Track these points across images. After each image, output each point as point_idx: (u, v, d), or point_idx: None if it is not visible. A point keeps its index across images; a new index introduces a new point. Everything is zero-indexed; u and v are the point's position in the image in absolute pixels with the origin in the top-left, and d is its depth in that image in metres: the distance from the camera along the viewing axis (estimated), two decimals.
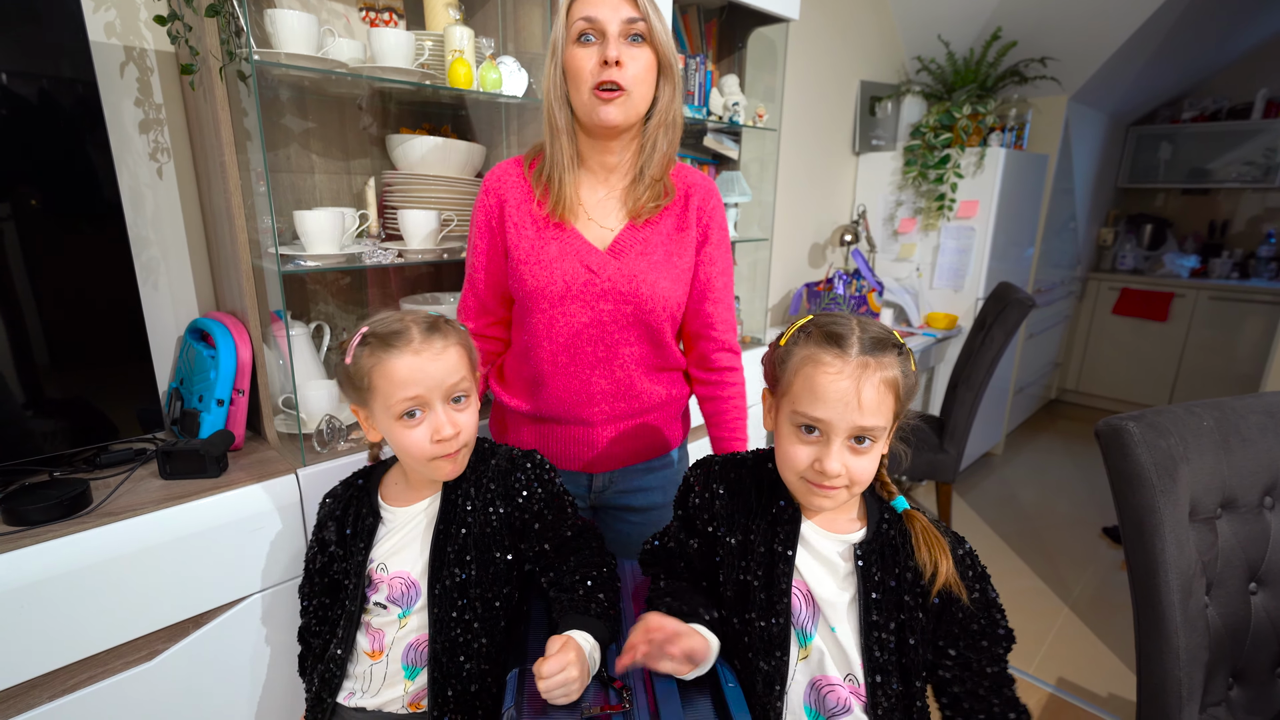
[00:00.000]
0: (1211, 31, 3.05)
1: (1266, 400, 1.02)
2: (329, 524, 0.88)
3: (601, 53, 0.88)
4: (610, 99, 0.89)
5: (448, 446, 0.79)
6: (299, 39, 1.05)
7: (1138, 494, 0.89)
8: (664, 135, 0.97)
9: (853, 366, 0.66)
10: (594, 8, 0.89)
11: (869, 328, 0.69)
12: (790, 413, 0.70)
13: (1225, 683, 0.97)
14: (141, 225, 1.19)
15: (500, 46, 1.42)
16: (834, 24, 2.57)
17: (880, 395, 0.66)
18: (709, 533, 0.81)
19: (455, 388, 0.80)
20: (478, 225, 1.02)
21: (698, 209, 1.01)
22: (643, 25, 0.89)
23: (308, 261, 1.11)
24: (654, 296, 0.97)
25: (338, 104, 1.35)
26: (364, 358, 0.78)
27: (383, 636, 0.84)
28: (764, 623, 0.74)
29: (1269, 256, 3.69)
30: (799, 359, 0.70)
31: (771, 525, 0.76)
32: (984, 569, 0.74)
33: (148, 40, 1.14)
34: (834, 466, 0.67)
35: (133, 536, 0.90)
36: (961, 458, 2.21)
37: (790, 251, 2.73)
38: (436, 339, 0.79)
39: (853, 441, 0.67)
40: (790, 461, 0.70)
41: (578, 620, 0.76)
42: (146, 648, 0.93)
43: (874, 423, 0.66)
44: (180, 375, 1.21)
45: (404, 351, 0.77)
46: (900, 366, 0.68)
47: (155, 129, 1.18)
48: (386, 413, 0.78)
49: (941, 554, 0.70)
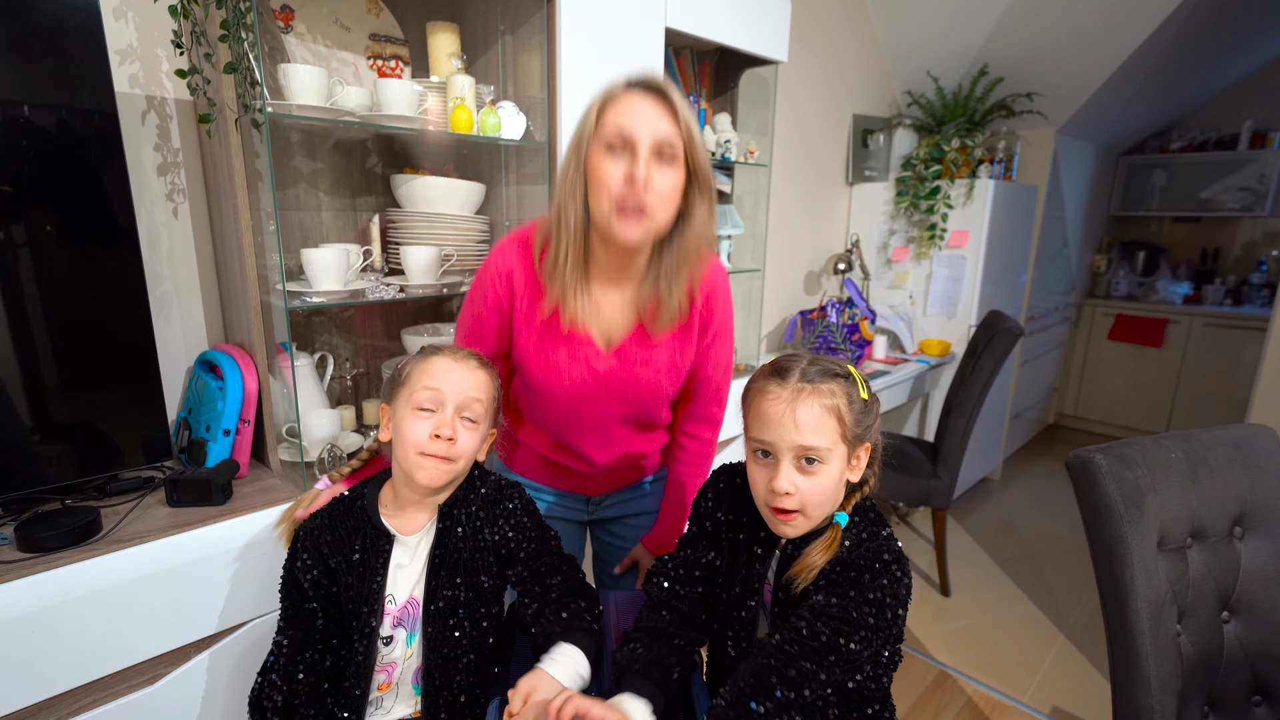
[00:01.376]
0: (1195, 66, 3.14)
1: (1234, 432, 1.05)
2: (319, 545, 0.86)
3: (629, 168, 0.82)
4: (633, 220, 0.84)
5: (439, 447, 0.83)
6: (309, 91, 1.12)
7: (1106, 524, 0.92)
8: (695, 258, 0.92)
9: (790, 391, 0.74)
10: (629, 118, 0.82)
11: (819, 361, 0.77)
12: (749, 440, 0.78)
13: (1200, 711, 0.99)
14: (157, 261, 1.25)
15: (500, 91, 1.50)
16: (825, 61, 2.66)
17: (818, 417, 0.73)
18: (712, 529, 0.87)
19: (470, 404, 0.86)
20: (487, 302, 0.97)
21: (704, 306, 1.00)
22: (678, 144, 0.84)
23: (314, 298, 1.17)
24: (653, 396, 1.02)
25: (345, 146, 1.42)
26: (413, 359, 0.89)
27: (394, 669, 0.88)
28: (733, 642, 0.81)
29: (1261, 284, 3.73)
30: (753, 391, 0.78)
31: (749, 544, 0.83)
32: (877, 592, 0.72)
33: (168, 90, 1.21)
34: (781, 484, 0.73)
35: (140, 563, 0.94)
36: (955, 483, 2.23)
37: (785, 280, 2.79)
38: (474, 359, 0.90)
39: (802, 462, 0.74)
40: (754, 488, 0.78)
41: (565, 635, 0.81)
42: (149, 672, 0.96)
43: (814, 442, 0.72)
44: (189, 405, 1.26)
45: (444, 354, 0.88)
46: (843, 392, 0.75)
47: (172, 172, 1.24)
48: (407, 402, 0.85)
49: (819, 555, 0.75)
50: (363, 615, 0.86)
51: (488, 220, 1.52)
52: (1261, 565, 1.01)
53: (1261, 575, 1.00)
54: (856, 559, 0.74)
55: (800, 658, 0.69)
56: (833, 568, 0.75)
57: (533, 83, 1.45)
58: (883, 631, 0.72)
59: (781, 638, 0.72)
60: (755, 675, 0.70)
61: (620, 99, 0.84)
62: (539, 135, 1.44)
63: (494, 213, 1.56)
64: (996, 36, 2.71)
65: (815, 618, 0.71)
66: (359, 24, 1.38)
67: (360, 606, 0.86)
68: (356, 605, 0.86)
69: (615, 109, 0.83)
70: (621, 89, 0.85)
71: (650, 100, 0.83)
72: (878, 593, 0.72)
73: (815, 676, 0.69)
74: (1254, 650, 1.00)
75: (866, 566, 0.73)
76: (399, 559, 0.88)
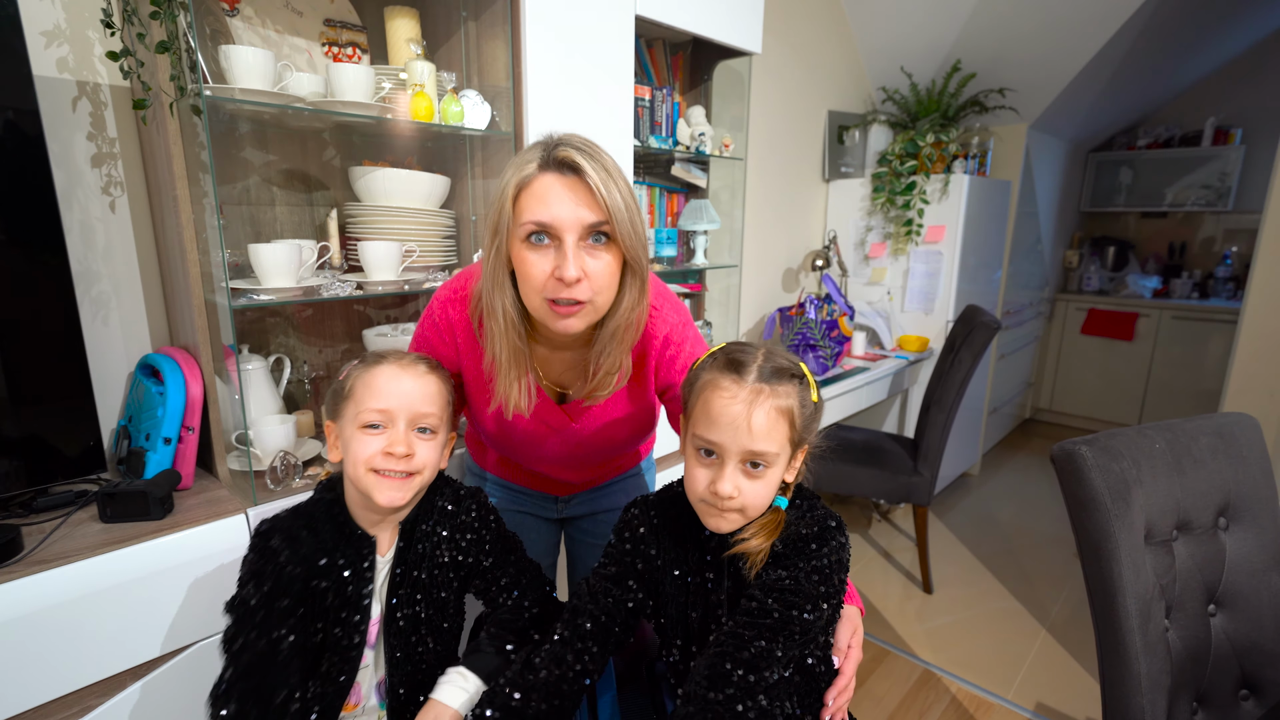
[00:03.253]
0: (1161, 62, 3.19)
1: (1216, 421, 1.03)
2: (287, 545, 0.78)
3: (557, 261, 0.74)
4: (570, 313, 0.77)
5: (393, 464, 0.77)
6: (254, 74, 1.05)
7: (1093, 518, 0.90)
8: (623, 340, 0.83)
9: (747, 392, 0.68)
10: (547, 210, 0.73)
11: (774, 357, 0.71)
12: (691, 435, 0.73)
13: (1189, 707, 0.96)
14: (92, 259, 1.16)
15: (463, 80, 1.44)
16: (800, 56, 2.64)
17: (772, 422, 0.68)
18: (643, 568, 0.81)
19: (423, 417, 0.80)
20: (436, 348, 0.92)
21: (656, 364, 0.92)
22: (608, 227, 0.75)
23: (262, 295, 1.09)
24: (611, 444, 0.99)
25: (299, 137, 1.35)
26: (354, 369, 0.81)
27: (360, 689, 0.84)
28: (699, 649, 0.77)
29: (1226, 277, 3.80)
30: (701, 383, 0.72)
31: (701, 551, 0.79)
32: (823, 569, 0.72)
33: (101, 75, 1.13)
34: (725, 488, 0.69)
35: (67, 585, 0.86)
36: (936, 479, 2.22)
37: (763, 277, 2.76)
38: (422, 364, 0.82)
39: (747, 465, 0.70)
40: (691, 484, 0.74)
41: (466, 659, 0.83)
42: (79, 704, 0.88)
43: (765, 448, 0.68)
44: (129, 413, 1.17)
45: (389, 364, 0.81)
46: (797, 396, 0.70)
47: (108, 163, 1.16)
48: (354, 421, 0.78)
49: (756, 539, 0.72)
50: (345, 630, 0.80)
51: (453, 215, 1.46)
52: (1246, 556, 0.99)
53: (1246, 566, 0.99)
54: (800, 530, 0.73)
55: (755, 638, 0.68)
56: (783, 542, 0.73)
57: (497, 72, 1.39)
58: (831, 598, 0.72)
59: (735, 622, 0.70)
60: (710, 665, 0.67)
61: (534, 184, 0.74)
62: (505, 126, 1.38)
63: (460, 207, 1.50)
64: (968, 32, 2.72)
65: (766, 594, 0.70)
66: (312, 9, 1.31)
67: (339, 622, 0.80)
68: (332, 619, 0.79)
69: (530, 196, 0.74)
70: (535, 171, 0.74)
71: (568, 183, 0.73)
72: (823, 559, 0.71)
73: (771, 654, 0.67)
74: (1241, 644, 0.98)
75: (813, 536, 0.73)
76: (382, 563, 0.84)
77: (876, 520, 2.84)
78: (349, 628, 0.80)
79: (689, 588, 0.79)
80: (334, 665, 0.80)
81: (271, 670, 0.73)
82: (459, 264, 1.51)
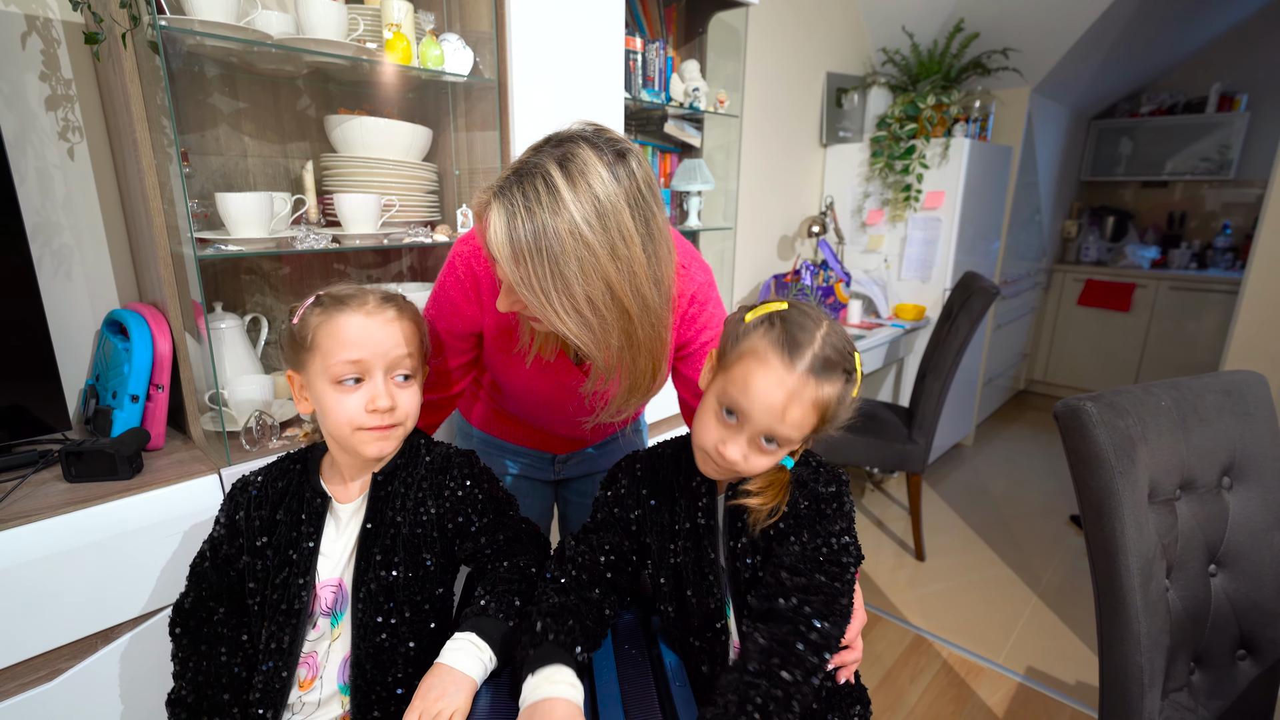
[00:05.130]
0: (1167, 25, 3.10)
1: (1223, 379, 1.00)
2: (247, 508, 0.78)
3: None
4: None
5: (380, 419, 0.73)
6: (216, 7, 0.98)
7: (1096, 476, 0.87)
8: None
9: (794, 380, 0.64)
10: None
11: (830, 342, 0.65)
12: (720, 389, 0.69)
13: (1187, 667, 0.95)
14: (51, 209, 1.10)
15: (444, 23, 1.36)
16: (799, 15, 2.55)
17: (805, 414, 0.66)
18: (631, 519, 0.80)
19: (400, 362, 0.76)
20: (458, 304, 0.87)
21: (679, 321, 0.86)
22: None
23: (230, 246, 1.04)
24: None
25: (271, 84, 1.28)
26: (312, 315, 0.74)
27: (315, 660, 0.77)
28: (696, 599, 0.75)
29: (1225, 247, 3.77)
30: (749, 347, 0.66)
31: (691, 500, 0.77)
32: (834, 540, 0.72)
33: (52, 9, 1.05)
34: (732, 454, 0.67)
35: (28, 544, 0.82)
36: (930, 448, 2.20)
37: (759, 243, 2.70)
38: (390, 308, 0.76)
39: (762, 440, 0.67)
40: (700, 432, 0.71)
41: (471, 623, 0.74)
42: (46, 667, 0.85)
43: (789, 434, 0.66)
44: (97, 371, 1.12)
45: (355, 312, 0.73)
46: (839, 392, 0.66)
47: (65, 105, 1.09)
48: (324, 375, 0.73)
49: (766, 495, 0.71)
50: (284, 590, 0.75)
51: (435, 169, 1.39)
52: (1249, 516, 0.97)
53: (1249, 526, 0.96)
54: (818, 489, 0.73)
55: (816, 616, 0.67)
56: (806, 500, 0.72)
57: (479, 16, 1.32)
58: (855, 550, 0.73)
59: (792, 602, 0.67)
60: (780, 642, 0.65)
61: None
62: (488, 74, 1.31)
63: (443, 161, 1.43)
64: None
65: (814, 569, 0.69)
66: None
67: (278, 578, 0.75)
68: (270, 576, 0.76)
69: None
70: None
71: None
72: (845, 519, 0.73)
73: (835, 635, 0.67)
74: (1240, 603, 0.96)
75: (831, 496, 0.73)
76: (335, 517, 0.79)
77: (870, 489, 2.83)
78: (288, 592, 0.75)
79: (677, 535, 0.77)
80: (272, 631, 0.75)
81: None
82: (442, 220, 1.45)
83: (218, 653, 0.77)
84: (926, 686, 1.70)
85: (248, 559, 0.78)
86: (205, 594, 0.78)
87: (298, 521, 0.77)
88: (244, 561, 0.78)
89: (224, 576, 0.78)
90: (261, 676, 0.75)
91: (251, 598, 0.78)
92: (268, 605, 0.76)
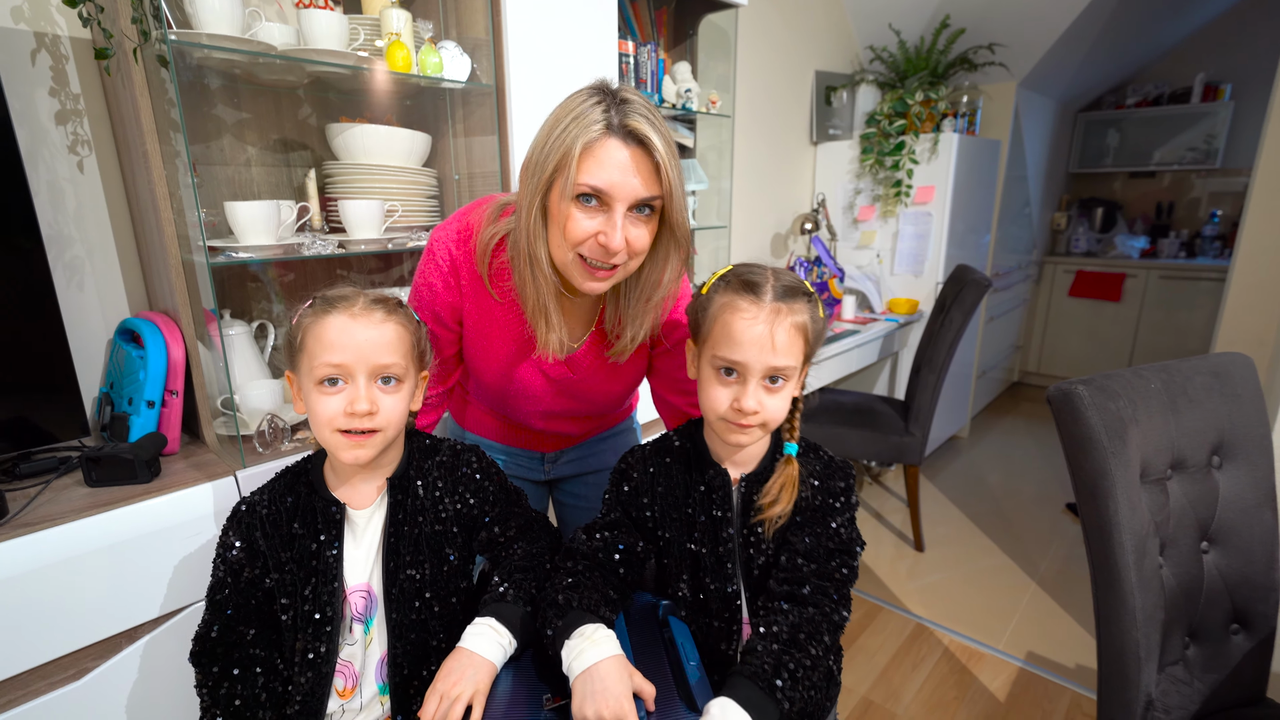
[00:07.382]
0: (1150, 17, 3.15)
1: (1211, 361, 1.03)
2: (261, 528, 0.77)
3: (603, 226, 0.74)
4: (603, 277, 0.78)
5: (355, 422, 0.72)
6: (222, 20, 1.00)
7: (1090, 457, 0.90)
8: (659, 307, 0.86)
9: (766, 312, 0.71)
10: (608, 178, 0.72)
11: (782, 276, 0.74)
12: (710, 357, 0.74)
13: (1182, 642, 0.98)
14: (63, 223, 1.12)
15: (441, 31, 1.39)
16: (786, 15, 2.58)
17: (791, 338, 0.71)
18: (646, 516, 0.83)
19: (385, 368, 0.74)
20: (438, 292, 0.88)
21: (661, 328, 0.92)
22: (660, 202, 0.76)
23: (240, 253, 1.06)
24: (606, 400, 0.99)
25: (273, 94, 1.30)
26: (305, 317, 0.75)
27: (352, 668, 0.79)
28: (715, 585, 0.79)
29: (1213, 235, 3.82)
30: (718, 306, 0.74)
31: (707, 493, 0.80)
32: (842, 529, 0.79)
33: (61, 26, 1.08)
34: (750, 404, 0.71)
35: (55, 547, 0.84)
36: (927, 440, 2.23)
37: (752, 241, 2.73)
38: (378, 310, 0.75)
39: (767, 381, 0.72)
40: (711, 403, 0.75)
41: (490, 608, 0.76)
42: (74, 666, 0.87)
43: (786, 363, 0.71)
44: (110, 379, 1.14)
45: (341, 313, 0.73)
46: (809, 312, 0.73)
47: (74, 120, 1.11)
48: (310, 375, 0.73)
49: (782, 500, 0.76)
50: (314, 600, 0.75)
51: (435, 174, 1.42)
52: (1239, 494, 1.00)
53: (1239, 504, 0.99)
54: (829, 477, 0.80)
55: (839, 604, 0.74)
56: (820, 480, 0.79)
57: (476, 23, 1.34)
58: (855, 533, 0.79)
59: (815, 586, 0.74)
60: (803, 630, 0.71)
61: (598, 149, 0.72)
62: (485, 79, 1.34)
63: (442, 166, 1.46)
64: None
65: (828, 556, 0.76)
66: None
67: (306, 589, 0.75)
68: (299, 589, 0.76)
69: (592, 159, 0.72)
70: (600, 133, 0.71)
71: (633, 154, 0.72)
72: (852, 508, 0.79)
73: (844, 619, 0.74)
74: (1232, 579, 0.99)
75: (840, 490, 0.79)
76: (352, 526, 0.79)
77: (868, 483, 2.87)
78: (318, 601, 0.75)
79: (695, 525, 0.80)
80: (307, 641, 0.75)
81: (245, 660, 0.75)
82: None
83: (253, 675, 0.75)
84: (929, 674, 1.73)
85: (276, 575, 0.77)
86: (233, 620, 0.75)
87: (315, 532, 0.77)
88: (272, 579, 0.77)
89: (250, 599, 0.76)
90: (299, 689, 0.76)
91: (285, 613, 0.77)
92: (300, 617, 0.76)
